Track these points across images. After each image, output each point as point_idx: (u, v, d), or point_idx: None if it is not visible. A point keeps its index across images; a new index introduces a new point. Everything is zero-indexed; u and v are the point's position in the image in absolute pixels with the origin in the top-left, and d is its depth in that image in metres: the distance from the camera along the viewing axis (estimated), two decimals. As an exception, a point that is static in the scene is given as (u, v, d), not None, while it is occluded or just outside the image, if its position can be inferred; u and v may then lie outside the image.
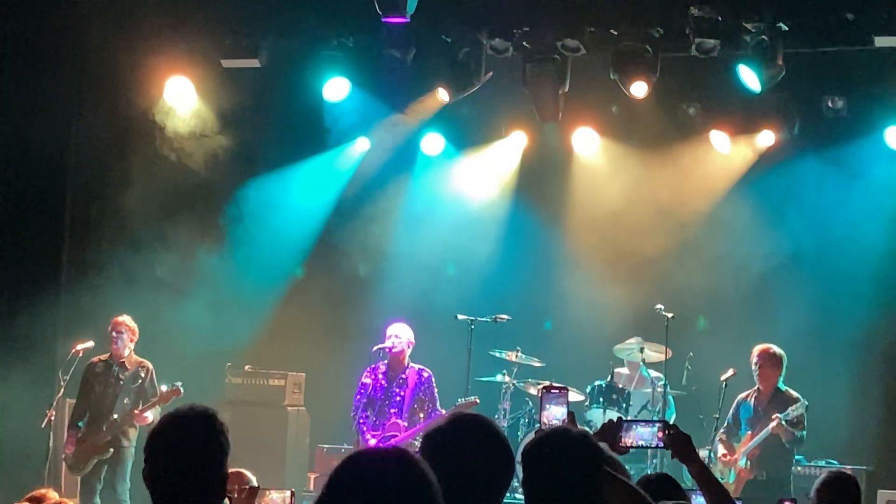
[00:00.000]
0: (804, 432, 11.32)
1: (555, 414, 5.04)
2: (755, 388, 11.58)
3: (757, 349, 11.58)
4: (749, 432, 11.43)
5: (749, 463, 11.30)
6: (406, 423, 11.70)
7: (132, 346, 12.25)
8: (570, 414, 5.06)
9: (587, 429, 11.97)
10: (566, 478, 4.18)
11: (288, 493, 6.14)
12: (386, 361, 11.98)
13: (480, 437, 3.77)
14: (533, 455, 4.24)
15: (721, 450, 11.48)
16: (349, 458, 2.90)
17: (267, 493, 6.12)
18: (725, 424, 11.61)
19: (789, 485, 11.47)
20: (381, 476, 2.83)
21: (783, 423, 11.14)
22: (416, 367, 11.97)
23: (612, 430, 5.15)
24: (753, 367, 11.53)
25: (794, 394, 11.54)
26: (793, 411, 11.24)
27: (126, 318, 12.27)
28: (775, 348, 11.56)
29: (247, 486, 5.76)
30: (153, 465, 4.13)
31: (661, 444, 5.11)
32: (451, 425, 3.77)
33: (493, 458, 3.75)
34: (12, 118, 13.98)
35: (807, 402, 11.44)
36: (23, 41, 13.99)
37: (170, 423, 4.18)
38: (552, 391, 5.16)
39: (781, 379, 11.55)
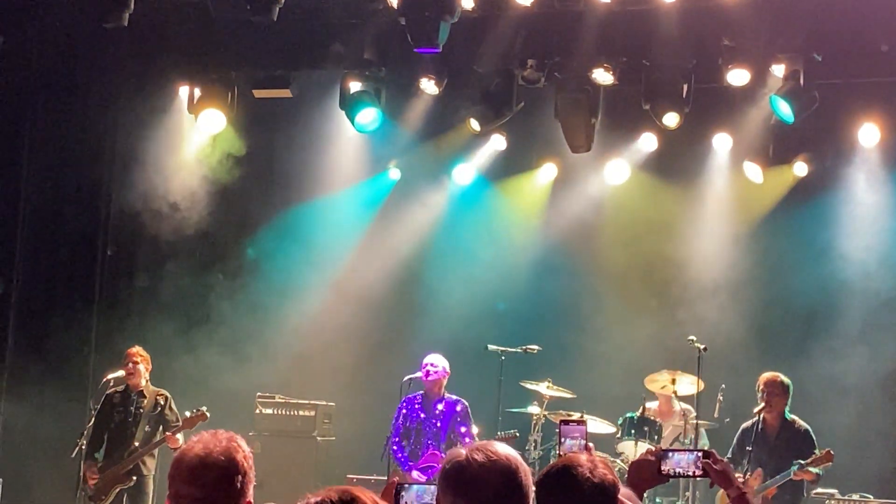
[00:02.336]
0: (822, 470, 11.18)
1: (572, 447, 5.00)
2: (758, 416, 11.42)
3: (764, 378, 11.47)
4: (760, 469, 11.27)
5: (763, 502, 11.14)
6: (444, 454, 11.66)
7: (147, 375, 12.28)
8: (588, 447, 5.00)
9: (618, 461, 11.98)
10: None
11: None
12: (422, 392, 11.97)
13: (495, 471, 3.71)
14: (545, 484, 4.22)
15: None
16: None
17: None
18: (730, 454, 11.45)
19: None
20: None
21: (808, 469, 11.00)
22: (453, 397, 11.96)
23: (652, 459, 5.10)
24: (760, 395, 11.40)
25: (802, 423, 11.42)
26: (812, 455, 11.10)
27: (139, 349, 12.30)
28: (782, 377, 11.45)
29: None
30: (176, 494, 4.08)
31: (700, 472, 5.07)
32: (469, 456, 3.70)
33: (509, 494, 3.69)
34: (46, 154, 14.09)
35: (811, 430, 11.36)
36: (55, 75, 14.09)
37: (190, 451, 4.09)
38: (569, 424, 5.12)
39: (787, 408, 11.44)
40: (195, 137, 14.31)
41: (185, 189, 14.31)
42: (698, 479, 5.46)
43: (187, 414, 11.96)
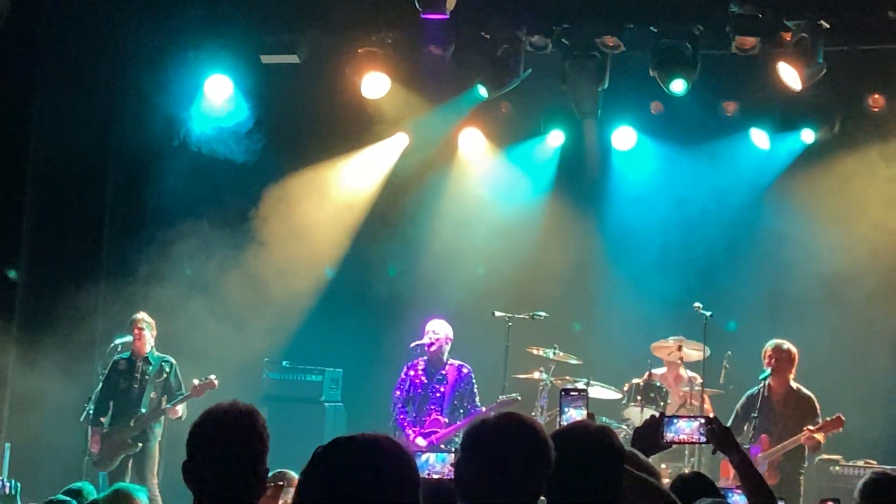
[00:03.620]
0: (822, 433, 11.22)
1: (573, 417, 5.01)
2: (763, 383, 11.43)
3: (771, 345, 11.49)
4: (765, 436, 11.29)
5: (769, 468, 11.17)
6: (447, 419, 11.72)
7: (153, 341, 12.32)
8: (590, 415, 5.02)
9: (623, 427, 12.03)
10: (583, 473, 4.16)
11: None
12: (425, 358, 12.00)
13: (524, 438, 3.74)
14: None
15: None
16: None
17: (291, 490, 6.07)
18: (732, 421, 11.46)
19: (799, 486, 11.40)
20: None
21: (814, 436, 11.04)
22: (456, 362, 11.99)
23: (653, 427, 5.13)
24: (767, 362, 11.43)
25: (807, 391, 11.45)
26: (817, 422, 11.15)
27: (144, 315, 12.36)
28: (789, 344, 11.47)
29: (272, 484, 5.69)
30: (194, 460, 4.12)
31: (704, 439, 5.10)
32: (497, 422, 3.74)
33: (535, 462, 3.72)
34: (53, 114, 14.06)
35: (816, 398, 11.39)
36: (61, 38, 14.06)
37: (212, 419, 4.15)
38: (570, 394, 5.12)
39: (793, 376, 11.46)
40: (203, 103, 14.29)
41: (193, 154, 14.30)
42: (702, 445, 5.49)
43: (196, 382, 12.01)
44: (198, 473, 4.11)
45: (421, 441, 11.71)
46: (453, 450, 4.58)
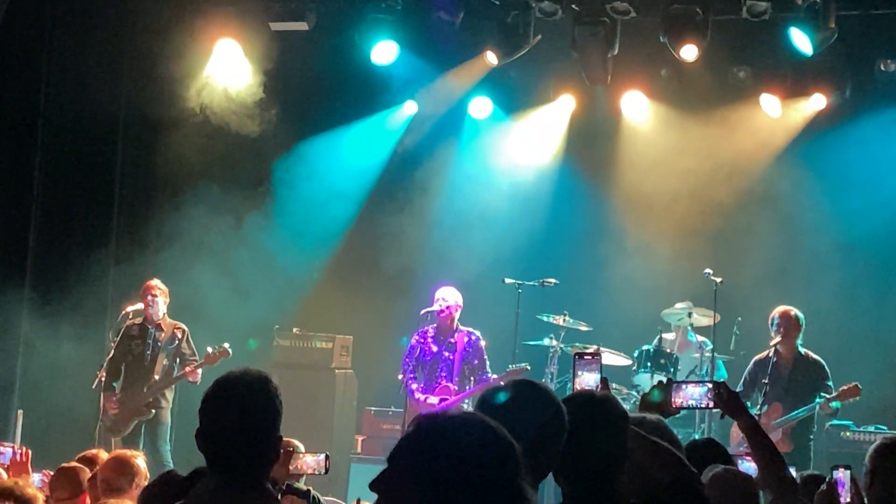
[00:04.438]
0: (838, 403, 11.22)
1: (587, 381, 4.99)
2: (771, 349, 11.42)
3: (778, 311, 11.48)
4: (778, 404, 11.29)
5: (782, 435, 11.17)
6: (456, 387, 11.73)
7: (166, 308, 12.34)
8: (604, 380, 5.02)
9: (634, 392, 12.05)
10: (588, 437, 4.19)
11: (322, 456, 6.08)
12: (435, 325, 12.00)
13: (540, 404, 3.75)
14: None
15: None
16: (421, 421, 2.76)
17: (300, 456, 6.07)
18: (741, 386, 11.45)
19: (810, 451, 11.40)
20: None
21: (831, 404, 11.04)
22: (465, 330, 11.99)
23: (662, 392, 5.14)
24: (774, 328, 11.41)
25: (815, 356, 11.44)
26: (827, 388, 11.15)
27: (157, 282, 12.37)
28: (796, 310, 11.46)
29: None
30: (207, 428, 4.12)
31: (712, 404, 5.10)
32: (512, 388, 3.73)
33: (552, 427, 3.73)
34: (63, 82, 14.06)
35: (825, 363, 11.39)
36: (70, 4, 14.04)
37: (225, 387, 4.15)
38: (584, 357, 5.10)
39: (800, 341, 11.45)
40: (211, 70, 14.28)
41: (203, 122, 14.29)
42: (711, 410, 5.50)
43: (209, 350, 12.02)
44: (212, 441, 4.10)
45: (433, 400, 11.72)
46: None
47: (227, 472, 4.08)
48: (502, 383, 3.75)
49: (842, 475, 6.35)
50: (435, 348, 11.91)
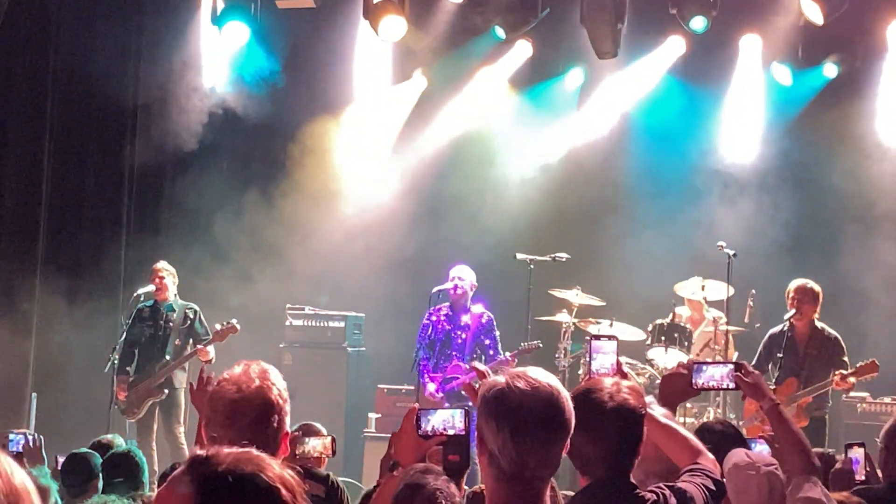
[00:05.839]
0: (855, 378, 11.15)
1: (603, 363, 4.95)
2: (786, 323, 11.35)
3: (795, 284, 11.35)
4: (794, 378, 11.21)
5: (797, 410, 11.11)
6: (468, 366, 11.70)
7: (175, 289, 12.34)
8: (619, 363, 4.99)
9: (648, 368, 12.01)
10: (594, 433, 4.23)
11: (329, 438, 6.04)
12: (448, 303, 11.97)
13: (543, 407, 3.68)
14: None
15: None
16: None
17: (306, 439, 6.02)
18: (756, 361, 11.36)
19: (825, 426, 11.35)
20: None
21: (849, 380, 10.97)
22: (478, 310, 11.95)
23: (683, 373, 5.10)
24: (790, 302, 11.33)
25: (832, 331, 11.33)
26: (842, 362, 11.09)
27: (164, 264, 12.37)
28: (812, 283, 11.34)
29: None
30: (212, 436, 4.05)
31: (733, 385, 5.07)
32: (515, 389, 3.65)
33: (552, 431, 3.67)
34: (71, 64, 14.04)
35: (841, 338, 11.33)
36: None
37: (223, 395, 4.05)
38: (600, 339, 5.07)
39: (817, 315, 11.37)
40: (221, 50, 14.25)
41: (211, 103, 14.26)
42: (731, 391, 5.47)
43: (218, 327, 12.04)
44: (216, 437, 4.05)
45: (433, 389, 11.68)
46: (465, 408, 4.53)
47: None
48: (504, 379, 3.67)
49: (856, 454, 6.31)
50: (448, 326, 11.88)
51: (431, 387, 11.72)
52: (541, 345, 11.83)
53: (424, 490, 4.55)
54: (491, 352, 11.76)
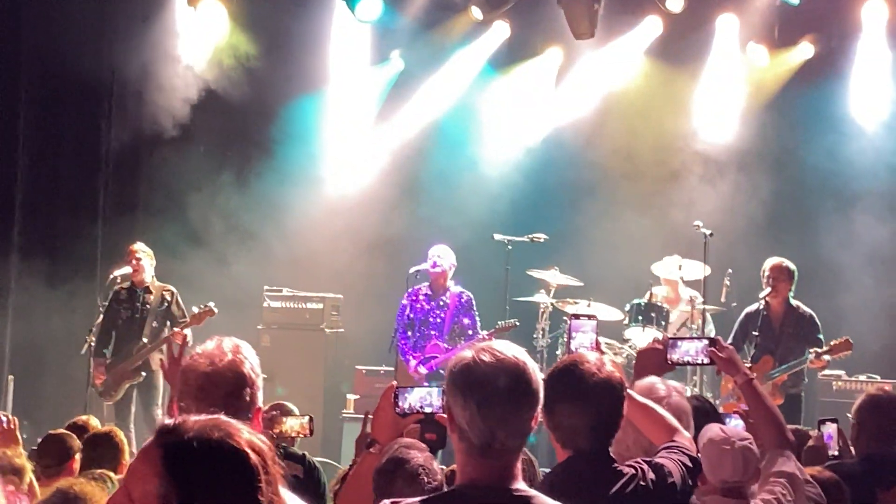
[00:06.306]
0: (829, 356, 11.19)
1: (582, 342, 4.98)
2: (762, 302, 11.39)
3: (770, 262, 11.39)
4: (769, 356, 11.25)
5: (773, 388, 11.15)
6: (446, 345, 11.72)
7: (152, 271, 12.28)
8: (598, 342, 5.01)
9: (625, 347, 12.03)
10: (581, 404, 4.30)
11: (307, 418, 6.02)
12: (427, 283, 11.98)
13: (509, 379, 3.67)
14: (552, 380, 4.29)
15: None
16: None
17: (283, 419, 6.00)
18: (731, 339, 11.39)
19: (801, 403, 11.40)
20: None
21: (823, 357, 11.00)
22: (457, 289, 11.96)
23: (658, 349, 5.13)
24: (765, 280, 11.36)
25: (806, 309, 11.38)
26: (818, 340, 11.13)
27: (141, 245, 12.28)
28: (787, 262, 11.38)
29: (267, 415, 5.56)
30: (186, 409, 3.99)
31: (708, 360, 5.10)
32: (481, 362, 3.64)
33: (520, 402, 3.68)
34: (44, 42, 13.95)
35: (816, 315, 11.37)
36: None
37: (195, 371, 4.02)
38: (580, 319, 5.09)
39: (791, 293, 11.41)
40: (198, 29, 14.20)
41: (189, 84, 14.21)
42: (706, 366, 5.50)
43: (195, 310, 11.98)
44: (187, 410, 4.02)
45: (422, 370, 11.73)
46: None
47: None
48: (492, 340, 3.68)
49: (829, 429, 6.36)
50: (427, 306, 11.89)
51: (414, 363, 11.74)
52: (518, 323, 11.84)
53: (408, 465, 4.56)
54: (470, 331, 11.77)
